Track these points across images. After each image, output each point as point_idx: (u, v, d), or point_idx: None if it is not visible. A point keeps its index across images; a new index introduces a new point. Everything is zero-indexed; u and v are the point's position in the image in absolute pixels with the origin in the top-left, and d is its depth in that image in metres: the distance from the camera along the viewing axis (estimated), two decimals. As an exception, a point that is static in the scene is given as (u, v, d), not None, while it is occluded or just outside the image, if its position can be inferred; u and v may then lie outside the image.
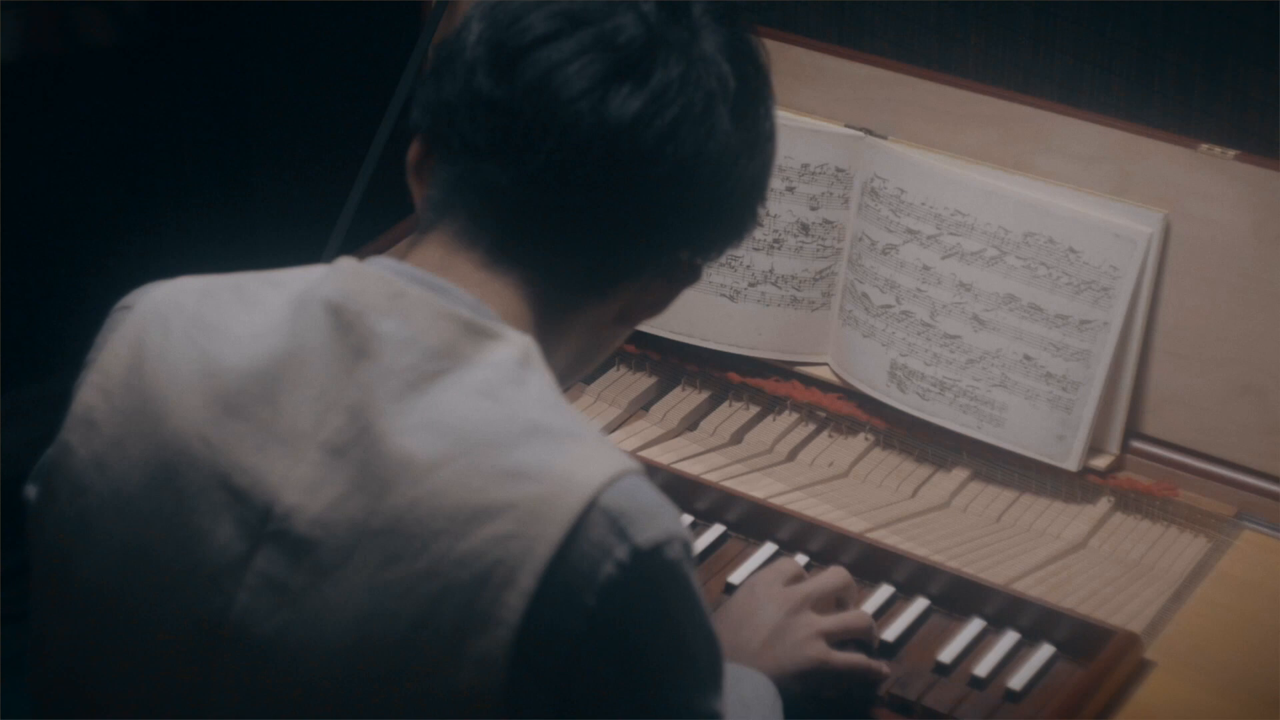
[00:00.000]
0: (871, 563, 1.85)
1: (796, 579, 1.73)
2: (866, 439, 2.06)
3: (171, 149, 2.99)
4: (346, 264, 1.35)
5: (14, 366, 2.89)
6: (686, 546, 1.30)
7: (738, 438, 2.08)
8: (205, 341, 1.33)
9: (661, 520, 1.28)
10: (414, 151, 1.41)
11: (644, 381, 2.14)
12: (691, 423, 2.10)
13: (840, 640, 1.71)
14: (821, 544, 1.87)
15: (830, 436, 2.08)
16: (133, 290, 1.42)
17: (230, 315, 1.35)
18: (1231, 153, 1.92)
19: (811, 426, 2.09)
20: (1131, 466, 1.98)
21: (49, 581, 1.38)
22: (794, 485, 1.98)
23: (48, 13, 2.87)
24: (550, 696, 1.25)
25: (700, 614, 1.31)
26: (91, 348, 1.41)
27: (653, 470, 1.94)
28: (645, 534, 1.26)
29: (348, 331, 1.30)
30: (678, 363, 2.14)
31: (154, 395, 1.33)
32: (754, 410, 2.11)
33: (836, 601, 1.75)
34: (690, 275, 1.43)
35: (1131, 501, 1.96)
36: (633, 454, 1.98)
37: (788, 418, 2.10)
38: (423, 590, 1.25)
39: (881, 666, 1.71)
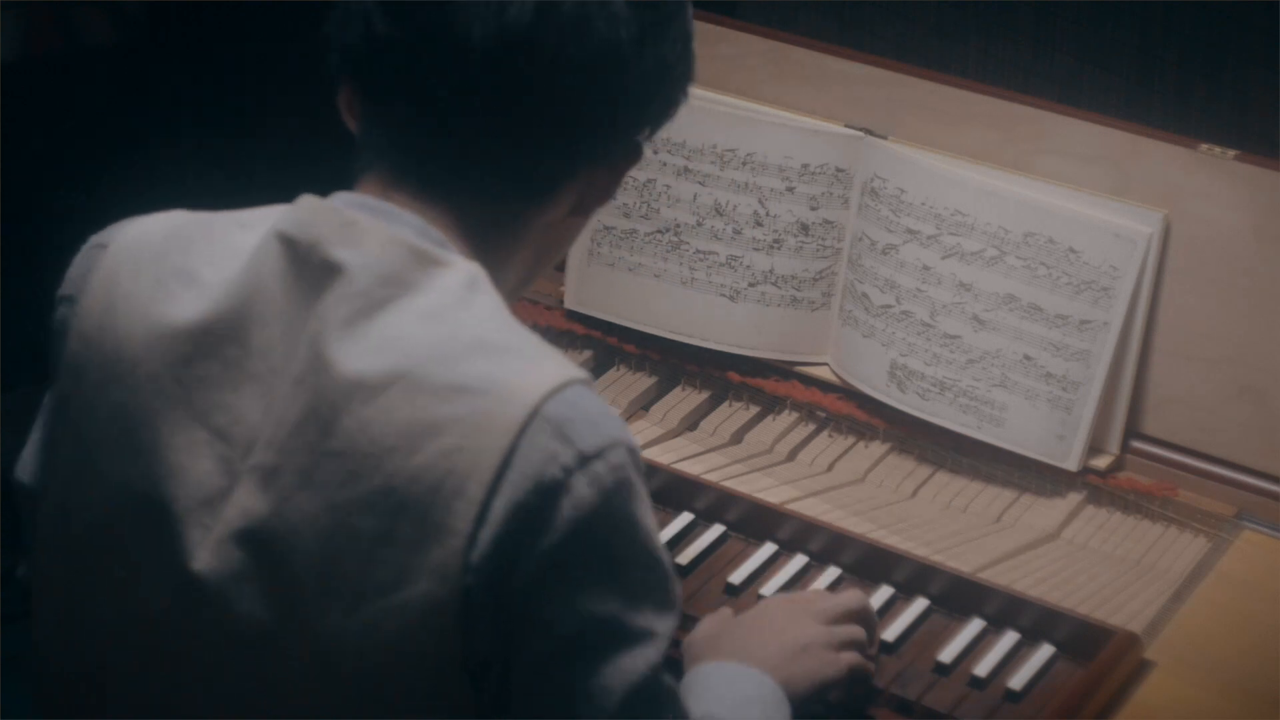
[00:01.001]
0: (871, 563, 1.85)
1: (807, 600, 1.72)
2: (866, 439, 2.06)
3: (171, 149, 2.99)
4: (304, 199, 1.39)
5: (14, 366, 2.89)
6: (633, 452, 1.33)
7: (738, 438, 2.08)
8: (174, 285, 1.37)
9: (605, 427, 1.32)
10: (343, 95, 1.44)
11: (644, 381, 2.14)
12: (691, 423, 2.10)
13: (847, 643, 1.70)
14: (821, 544, 1.87)
15: (830, 436, 2.08)
16: (109, 226, 1.46)
17: (199, 258, 1.38)
18: (1231, 153, 1.92)
19: (811, 426, 2.09)
20: (1131, 466, 1.98)
21: (50, 527, 1.42)
22: (794, 485, 1.98)
23: (48, 13, 2.87)
24: (501, 602, 1.29)
25: (641, 526, 1.34)
26: (64, 281, 1.45)
27: (653, 470, 1.95)
28: (589, 440, 1.30)
29: (304, 264, 1.34)
30: (678, 363, 2.13)
31: (127, 341, 1.37)
32: (754, 410, 2.11)
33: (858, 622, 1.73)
34: (632, 154, 1.45)
35: (1131, 501, 1.96)
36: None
37: (788, 418, 2.09)
38: (380, 506, 1.29)
39: (870, 666, 1.71)
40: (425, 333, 1.32)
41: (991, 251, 1.97)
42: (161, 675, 1.38)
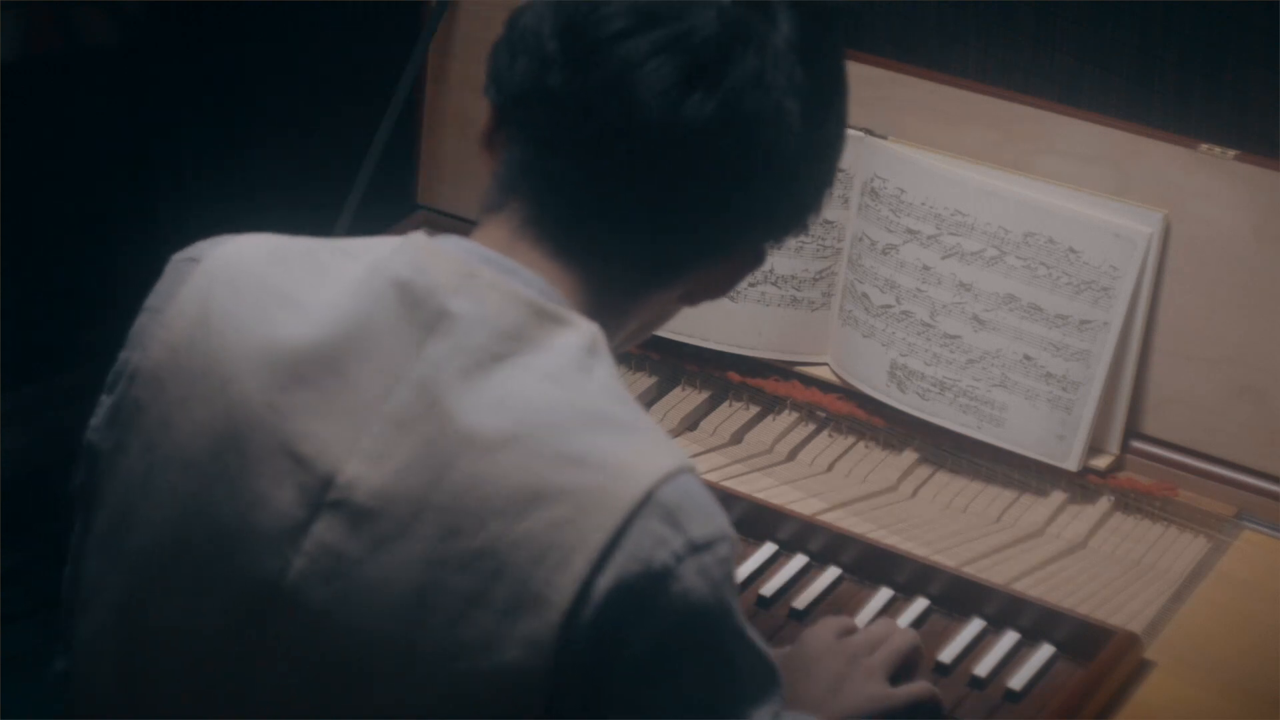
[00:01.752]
0: (871, 563, 1.85)
1: (849, 631, 1.71)
2: (866, 439, 2.06)
3: (171, 149, 2.99)
4: (419, 240, 1.36)
5: (14, 366, 2.89)
6: (733, 548, 1.32)
7: (738, 438, 2.08)
8: (274, 308, 1.34)
9: (716, 518, 1.30)
10: (486, 122, 1.40)
11: (644, 381, 2.14)
12: (691, 423, 2.10)
13: (897, 671, 1.67)
14: (821, 544, 1.87)
15: (830, 436, 2.08)
16: (199, 242, 1.42)
17: (300, 283, 1.35)
18: (1231, 153, 1.92)
19: (811, 426, 2.09)
20: (1131, 466, 1.98)
21: (109, 533, 1.38)
22: (794, 485, 1.98)
23: (48, 13, 2.87)
24: (594, 682, 1.26)
25: (742, 618, 1.32)
26: (151, 293, 1.41)
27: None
28: (700, 529, 1.28)
29: (417, 307, 1.31)
30: (678, 363, 2.14)
31: (221, 358, 1.33)
32: (754, 410, 2.11)
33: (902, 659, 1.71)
34: (755, 260, 1.44)
35: (1131, 501, 1.96)
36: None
37: (788, 418, 2.10)
38: (478, 567, 1.26)
39: (936, 692, 1.68)
40: (544, 396, 1.29)
41: (991, 251, 1.97)
42: (223, 696, 1.34)
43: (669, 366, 2.14)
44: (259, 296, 1.35)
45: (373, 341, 1.31)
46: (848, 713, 1.61)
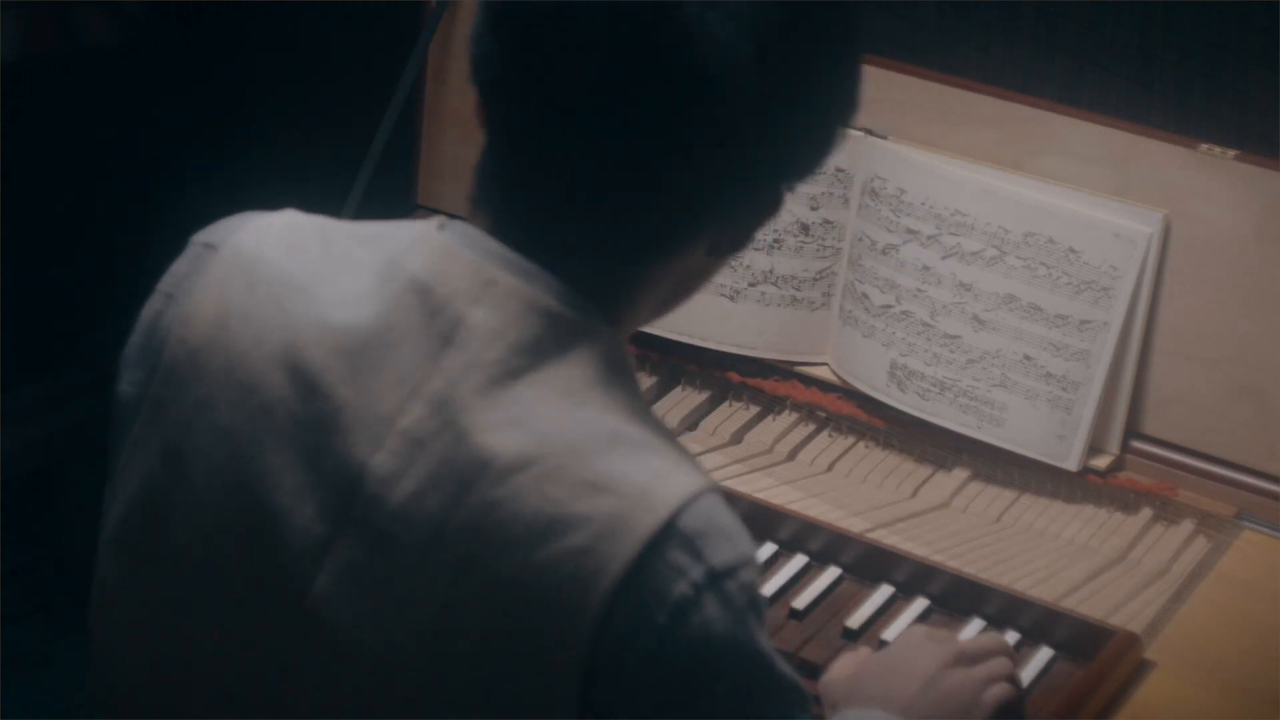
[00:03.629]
0: (871, 563, 1.85)
1: (946, 639, 1.67)
2: (866, 439, 2.06)
3: (171, 149, 2.99)
4: (436, 238, 1.32)
5: (14, 366, 2.89)
6: (758, 571, 1.29)
7: (738, 438, 2.08)
8: (291, 306, 1.31)
9: (737, 543, 1.27)
10: (476, 105, 1.34)
11: (644, 381, 2.13)
12: (691, 423, 2.10)
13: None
14: (821, 544, 1.87)
15: (830, 436, 2.08)
16: (217, 222, 1.38)
17: (316, 276, 1.32)
18: (1231, 153, 1.92)
19: (811, 426, 2.09)
20: (1131, 466, 1.98)
21: (130, 532, 1.36)
22: (794, 485, 1.98)
23: (48, 13, 2.87)
24: (618, 714, 1.24)
25: (767, 643, 1.29)
26: (168, 274, 1.38)
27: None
28: (721, 556, 1.25)
29: (435, 316, 1.28)
30: (678, 363, 2.14)
31: (240, 363, 1.31)
32: (754, 410, 2.11)
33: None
34: (773, 205, 1.36)
35: (1131, 501, 1.96)
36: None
37: (788, 418, 2.10)
38: (498, 598, 1.23)
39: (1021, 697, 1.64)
40: (563, 415, 1.26)
41: (991, 251, 1.97)
42: (247, 707, 1.32)
43: (669, 366, 2.14)
44: (275, 293, 1.32)
45: (389, 351, 1.28)
46: (937, 713, 1.57)
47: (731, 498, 1.90)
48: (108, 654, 1.39)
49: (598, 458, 1.24)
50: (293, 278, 1.32)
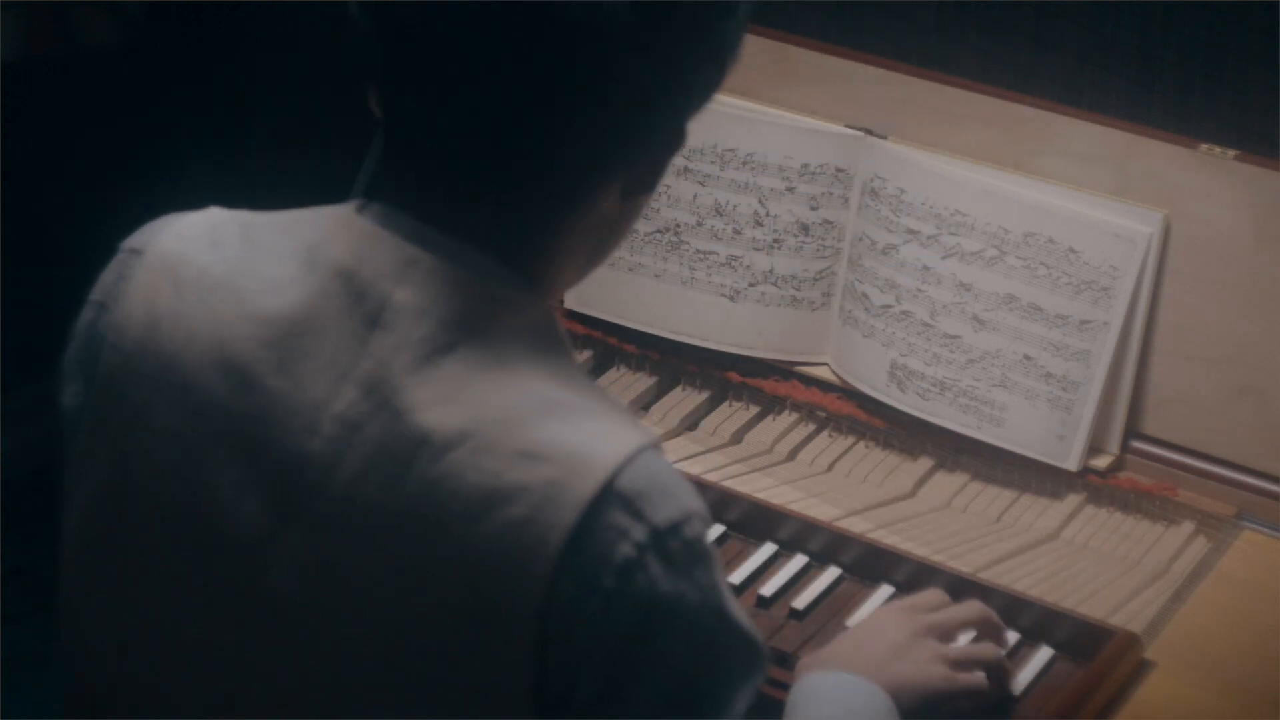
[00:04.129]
0: (871, 563, 1.85)
1: (933, 608, 1.69)
2: (866, 439, 2.06)
3: (171, 149, 2.99)
4: (356, 221, 1.32)
5: (14, 366, 2.89)
6: (705, 523, 1.28)
7: (738, 438, 2.08)
8: (217, 303, 1.32)
9: (679, 498, 1.26)
10: (370, 95, 1.35)
11: (644, 381, 2.14)
12: (691, 423, 2.10)
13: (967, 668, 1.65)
14: (821, 544, 1.87)
15: (830, 436, 2.08)
16: (142, 227, 1.39)
17: (240, 270, 1.33)
18: (1231, 153, 1.92)
19: (811, 426, 2.09)
20: (1131, 466, 1.98)
21: (93, 542, 1.37)
22: (794, 485, 1.98)
23: (48, 13, 2.87)
24: (576, 679, 1.25)
25: (720, 595, 1.29)
26: (97, 284, 1.39)
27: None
28: (662, 513, 1.25)
29: (360, 299, 1.29)
30: (678, 363, 2.14)
31: (173, 364, 1.32)
32: (754, 410, 2.11)
33: (976, 635, 1.71)
34: (676, 140, 1.35)
35: (1132, 501, 1.96)
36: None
37: (788, 418, 2.10)
38: (446, 575, 1.24)
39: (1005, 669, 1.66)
40: (494, 387, 1.26)
41: (991, 251, 1.97)
42: (216, 699, 1.33)
43: (669, 366, 2.14)
44: (201, 292, 1.33)
45: (318, 337, 1.29)
46: (903, 683, 1.58)
47: (731, 497, 1.91)
48: (76, 660, 1.40)
49: (532, 427, 1.25)
50: (217, 275, 1.33)
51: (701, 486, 1.92)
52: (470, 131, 1.29)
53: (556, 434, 1.25)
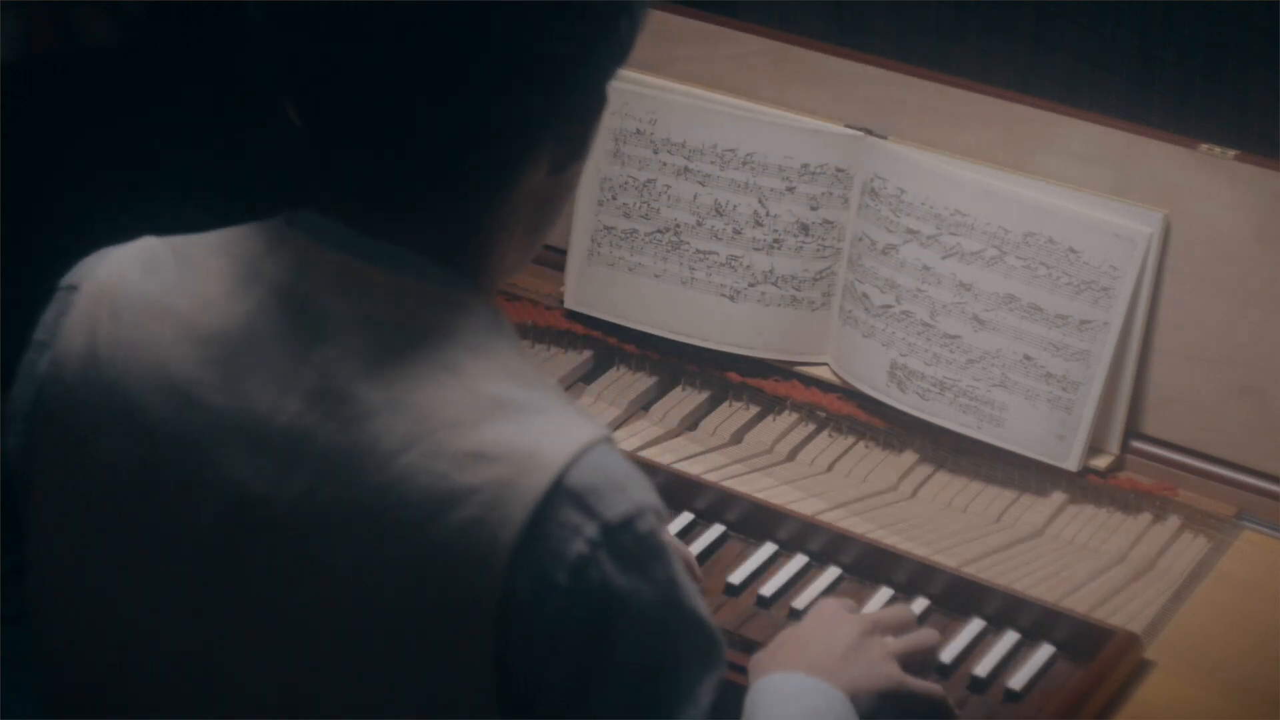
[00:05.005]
0: (871, 563, 1.85)
1: (855, 609, 1.70)
2: (866, 439, 2.06)
3: (172, 149, 2.99)
4: (289, 235, 1.32)
5: (14, 366, 2.89)
6: (659, 516, 1.28)
7: (738, 438, 2.08)
8: (156, 326, 1.32)
9: (631, 492, 1.26)
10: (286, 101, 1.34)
11: (644, 381, 2.13)
12: (691, 423, 2.10)
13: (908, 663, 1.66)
14: (821, 544, 1.87)
15: (830, 436, 2.08)
16: (78, 264, 1.39)
17: (176, 292, 1.33)
18: (1231, 153, 1.92)
19: (811, 426, 2.09)
20: (1131, 466, 1.98)
21: (51, 571, 1.38)
22: (794, 485, 1.98)
23: (48, 13, 2.87)
24: (537, 679, 1.25)
25: (677, 587, 1.28)
26: (39, 325, 1.39)
27: (653, 470, 1.95)
28: (614, 509, 1.24)
29: (299, 312, 1.28)
30: (678, 363, 2.13)
31: (116, 390, 1.32)
32: (754, 410, 2.11)
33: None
34: (596, 102, 1.35)
35: (1131, 501, 1.96)
36: (634, 454, 1.98)
37: (788, 418, 2.09)
38: (401, 582, 1.24)
39: (949, 702, 1.66)
40: (440, 390, 1.26)
41: (991, 251, 1.97)
42: (192, 705, 1.34)
43: (669, 366, 2.14)
44: (139, 316, 1.32)
45: (259, 353, 1.28)
46: (858, 684, 1.58)
47: (731, 497, 1.91)
48: (49, 686, 1.42)
49: (480, 427, 1.24)
50: (154, 299, 1.33)
51: (701, 486, 1.93)
52: (391, 122, 1.28)
53: (505, 433, 1.24)
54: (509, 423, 1.25)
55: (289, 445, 1.27)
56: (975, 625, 1.80)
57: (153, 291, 1.33)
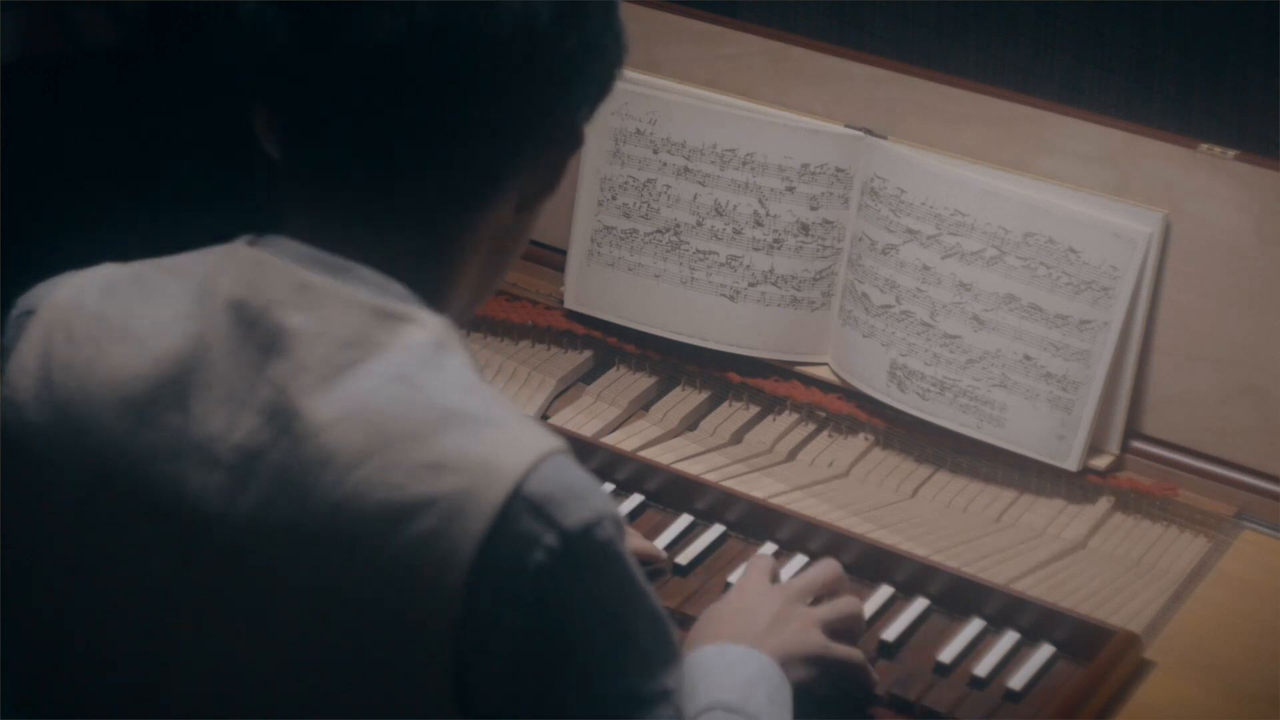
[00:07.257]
0: (871, 563, 1.85)
1: (776, 573, 1.74)
2: (866, 439, 2.06)
3: (171, 149, 2.99)
4: (245, 252, 1.32)
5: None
6: (617, 524, 1.28)
7: (738, 438, 2.08)
8: (109, 345, 1.32)
9: (589, 500, 1.26)
10: (259, 119, 1.35)
11: (644, 381, 2.13)
12: (691, 423, 2.10)
13: (834, 630, 1.69)
14: (821, 544, 1.87)
15: (830, 436, 2.08)
16: (35, 287, 1.40)
17: (132, 313, 1.33)
18: (1231, 153, 1.92)
19: (811, 426, 2.09)
20: (1131, 466, 1.98)
21: (13, 599, 1.38)
22: (794, 485, 1.98)
23: (48, 13, 2.87)
24: (500, 684, 1.25)
25: (638, 592, 1.29)
26: None
27: (653, 470, 1.95)
28: (573, 517, 1.25)
29: (253, 327, 1.29)
30: (678, 363, 2.14)
31: (69, 410, 1.32)
32: (754, 410, 2.11)
33: (829, 594, 1.75)
34: (572, 141, 1.37)
35: (1131, 501, 1.96)
36: (634, 454, 1.98)
37: (788, 418, 2.09)
38: (360, 595, 1.24)
39: (869, 667, 1.70)
40: (396, 401, 1.26)
41: (991, 251, 1.97)
42: (141, 704, 1.35)
43: (669, 366, 2.14)
44: (94, 337, 1.33)
45: (212, 370, 1.29)
46: (787, 651, 1.61)
47: (731, 497, 1.91)
48: (16, 695, 1.41)
49: (435, 438, 1.25)
50: (109, 320, 1.33)
51: (701, 486, 1.93)
52: (371, 142, 1.29)
53: (461, 444, 1.25)
54: (465, 434, 1.25)
55: (242, 462, 1.27)
56: (975, 625, 1.80)
57: (109, 313, 1.34)
